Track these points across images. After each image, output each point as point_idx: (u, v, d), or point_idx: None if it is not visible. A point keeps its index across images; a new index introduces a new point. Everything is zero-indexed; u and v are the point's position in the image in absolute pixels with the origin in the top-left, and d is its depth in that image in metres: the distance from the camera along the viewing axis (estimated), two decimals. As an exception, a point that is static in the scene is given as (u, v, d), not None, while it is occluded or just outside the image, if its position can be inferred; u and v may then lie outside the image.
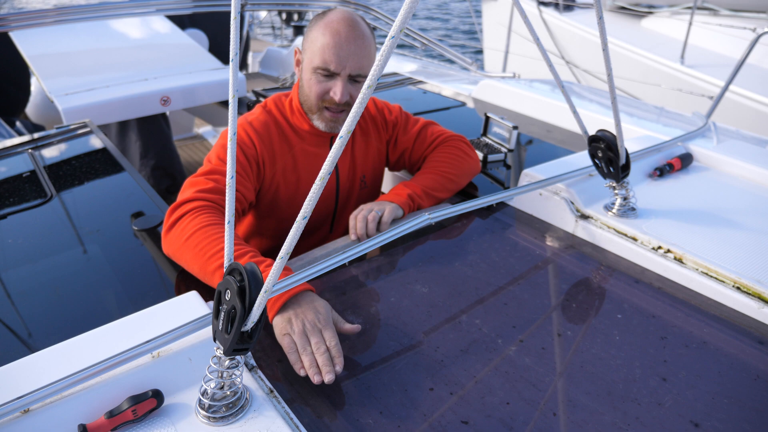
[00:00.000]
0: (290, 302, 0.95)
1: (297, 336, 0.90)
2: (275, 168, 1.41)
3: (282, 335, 0.92)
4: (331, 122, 1.38)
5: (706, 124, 1.91)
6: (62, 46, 3.06)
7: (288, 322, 0.92)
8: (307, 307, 0.95)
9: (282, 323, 0.93)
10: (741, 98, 4.10)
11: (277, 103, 1.46)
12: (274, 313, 0.95)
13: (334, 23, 1.29)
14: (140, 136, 3.00)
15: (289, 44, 4.99)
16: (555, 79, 1.26)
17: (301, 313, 0.93)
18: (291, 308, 0.94)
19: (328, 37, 1.28)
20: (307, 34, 1.36)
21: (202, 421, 0.75)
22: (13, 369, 0.78)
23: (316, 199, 0.65)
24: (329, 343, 0.90)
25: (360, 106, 0.61)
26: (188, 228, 1.11)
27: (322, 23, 1.31)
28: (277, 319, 0.94)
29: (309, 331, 0.91)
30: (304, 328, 0.91)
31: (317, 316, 0.93)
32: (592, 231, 1.31)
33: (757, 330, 1.02)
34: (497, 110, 2.39)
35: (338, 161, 1.48)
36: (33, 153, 1.86)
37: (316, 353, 0.88)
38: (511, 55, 5.21)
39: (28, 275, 1.21)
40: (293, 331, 0.91)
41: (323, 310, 0.95)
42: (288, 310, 0.94)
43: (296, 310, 0.94)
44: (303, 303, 0.95)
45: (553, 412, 0.84)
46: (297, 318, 0.93)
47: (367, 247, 1.11)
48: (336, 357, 0.88)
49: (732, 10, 5.28)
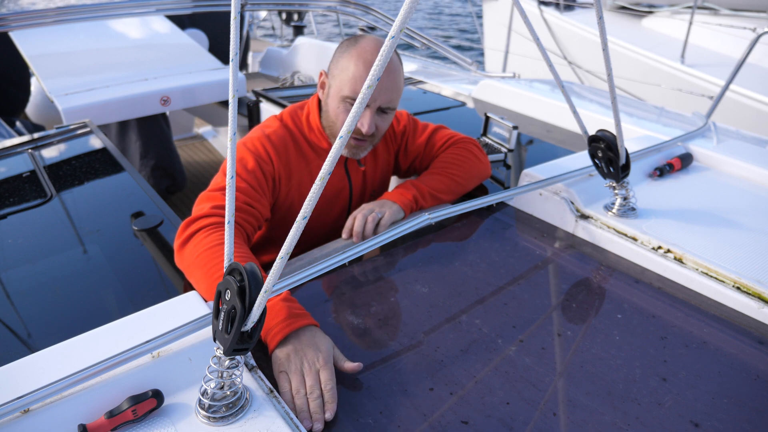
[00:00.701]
0: (291, 336, 0.91)
1: (293, 375, 0.86)
2: (291, 184, 1.38)
3: (279, 372, 0.88)
4: (354, 148, 1.37)
5: (706, 124, 1.91)
6: (62, 46, 3.06)
7: (286, 359, 0.88)
8: (308, 344, 0.90)
9: (280, 359, 0.89)
10: (742, 98, 4.10)
11: (294, 119, 1.42)
12: (273, 346, 0.90)
13: (367, 54, 1.26)
14: (140, 136, 3.00)
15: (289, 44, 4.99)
16: (555, 79, 1.26)
17: (300, 350, 0.89)
18: (291, 343, 0.90)
19: (361, 68, 1.25)
20: (336, 60, 1.32)
21: (202, 421, 0.75)
22: (13, 369, 0.78)
23: (316, 199, 0.65)
24: (324, 387, 0.85)
25: (360, 106, 0.61)
26: (201, 245, 1.08)
27: (354, 52, 1.27)
28: (276, 354, 0.90)
29: (306, 371, 0.86)
30: (302, 367, 0.87)
31: (317, 354, 0.89)
32: (592, 231, 1.31)
33: (757, 330, 1.02)
34: (497, 110, 2.39)
35: (353, 180, 1.48)
36: (33, 153, 1.86)
37: (309, 397, 0.83)
38: (513, 55, 5.22)
39: (28, 275, 1.21)
40: (290, 369, 0.87)
41: (324, 348, 0.90)
42: (288, 344, 0.90)
43: (296, 346, 0.89)
44: (304, 339, 0.91)
45: (553, 412, 0.84)
46: (296, 355, 0.88)
47: (367, 247, 1.11)
48: (328, 402, 0.83)
49: (732, 10, 5.28)
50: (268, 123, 1.41)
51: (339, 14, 3.66)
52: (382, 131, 1.36)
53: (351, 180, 1.48)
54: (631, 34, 5.36)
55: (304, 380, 0.85)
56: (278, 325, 0.91)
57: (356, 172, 1.49)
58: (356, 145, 1.36)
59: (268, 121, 1.42)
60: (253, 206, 1.25)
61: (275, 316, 0.92)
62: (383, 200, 1.36)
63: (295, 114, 1.43)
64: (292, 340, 0.90)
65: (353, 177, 1.49)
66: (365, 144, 1.37)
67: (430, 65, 3.56)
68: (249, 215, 1.23)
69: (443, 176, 1.46)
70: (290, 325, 0.91)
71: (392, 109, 1.34)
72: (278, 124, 1.40)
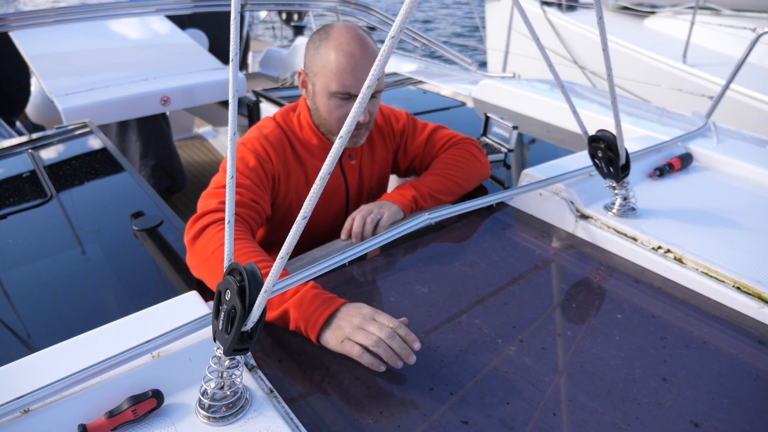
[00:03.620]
0: (331, 317, 0.94)
1: (356, 334, 0.89)
2: (289, 184, 1.38)
3: (340, 344, 0.91)
4: (354, 137, 1.38)
5: (706, 124, 1.91)
6: (62, 46, 3.06)
7: (338, 330, 0.92)
8: (349, 312, 0.94)
9: (333, 335, 0.92)
10: (743, 97, 4.10)
11: (286, 119, 1.42)
12: (317, 331, 0.93)
13: (344, 44, 1.24)
14: (140, 136, 3.00)
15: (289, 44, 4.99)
16: (555, 79, 1.26)
17: (345, 318, 0.93)
18: (333, 321, 0.93)
19: (343, 60, 1.24)
20: (313, 56, 1.30)
21: (202, 421, 0.75)
22: (13, 369, 0.78)
23: (316, 199, 0.65)
24: (391, 325, 0.89)
25: (360, 106, 0.61)
26: (213, 242, 1.08)
27: (330, 45, 1.25)
28: (325, 336, 0.93)
29: (365, 324, 0.90)
30: (360, 324, 0.90)
31: (362, 310, 0.93)
32: (592, 231, 1.31)
33: (757, 330, 1.02)
34: (497, 110, 2.39)
35: (348, 178, 1.48)
36: (33, 153, 1.86)
37: (387, 341, 0.87)
38: (515, 56, 5.21)
39: (28, 275, 1.21)
40: (349, 334, 0.90)
41: (364, 306, 0.94)
42: (331, 324, 0.93)
43: (340, 319, 0.93)
44: (343, 312, 0.94)
45: (553, 412, 0.84)
46: (347, 322, 0.92)
47: (367, 247, 1.11)
48: (407, 336, 0.88)
49: (734, 10, 5.28)
50: (264, 123, 1.41)
51: (339, 14, 3.66)
52: (374, 114, 1.37)
53: (346, 177, 1.48)
54: (633, 34, 5.36)
55: (370, 333, 0.89)
56: (316, 312, 0.94)
57: (351, 168, 1.49)
58: (356, 134, 1.37)
59: (264, 121, 1.42)
60: (258, 202, 1.25)
61: (310, 305, 0.95)
62: (382, 201, 1.36)
63: (287, 115, 1.43)
64: (333, 320, 0.93)
65: (348, 174, 1.48)
66: (362, 131, 1.37)
67: (430, 65, 3.56)
68: (254, 211, 1.24)
69: (443, 177, 1.46)
70: (327, 308, 0.94)
71: (380, 92, 1.35)
72: (273, 124, 1.40)
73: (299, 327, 0.96)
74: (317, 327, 0.93)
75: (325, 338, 0.93)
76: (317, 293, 0.97)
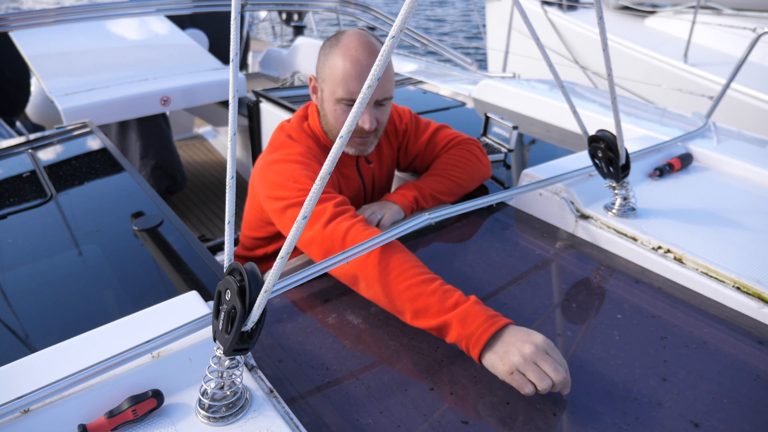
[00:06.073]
0: (494, 338, 0.89)
1: (527, 368, 0.84)
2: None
3: (508, 374, 0.85)
4: (361, 146, 1.37)
5: (706, 124, 1.91)
6: (62, 46, 3.06)
7: (506, 355, 0.86)
8: (515, 336, 0.88)
9: (500, 359, 0.86)
10: (743, 97, 4.10)
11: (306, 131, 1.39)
12: (480, 350, 0.88)
13: (352, 51, 1.24)
14: (140, 136, 3.00)
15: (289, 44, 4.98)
16: (555, 79, 1.26)
17: (514, 342, 0.87)
18: (498, 344, 0.88)
19: (349, 67, 1.23)
20: (323, 62, 1.30)
21: (202, 421, 0.75)
22: (13, 369, 0.78)
23: (316, 198, 0.66)
24: (563, 368, 0.85)
25: (360, 106, 0.61)
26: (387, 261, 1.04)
27: (339, 51, 1.25)
28: (489, 358, 0.88)
29: (539, 358, 0.84)
30: (533, 356, 0.84)
31: (533, 339, 0.86)
32: (592, 231, 1.31)
33: (757, 330, 1.02)
34: (497, 110, 2.39)
35: (365, 180, 1.48)
36: (33, 153, 1.86)
37: (558, 386, 0.84)
38: (516, 56, 5.21)
39: (28, 275, 1.21)
40: (520, 365, 0.84)
41: (536, 335, 0.87)
42: (496, 345, 0.88)
43: (506, 343, 0.87)
44: (507, 335, 0.89)
45: (553, 412, 0.84)
46: (514, 347, 0.86)
47: (368, 247, 1.11)
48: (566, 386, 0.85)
49: (735, 10, 5.28)
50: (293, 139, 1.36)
51: (339, 14, 3.66)
52: (383, 123, 1.36)
53: (364, 180, 1.49)
54: (634, 34, 5.36)
55: (544, 375, 0.83)
56: (480, 328, 0.89)
57: (367, 170, 1.49)
58: (362, 142, 1.36)
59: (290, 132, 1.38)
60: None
61: (474, 320, 0.91)
62: (384, 201, 1.36)
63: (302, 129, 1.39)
64: (498, 343, 0.88)
65: (365, 176, 1.49)
66: (370, 139, 1.37)
67: (431, 65, 3.56)
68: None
69: (444, 178, 1.46)
70: (492, 325, 0.89)
71: (388, 99, 1.34)
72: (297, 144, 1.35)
73: (460, 344, 0.92)
74: (479, 346, 0.88)
75: (490, 361, 0.87)
76: (482, 309, 0.93)
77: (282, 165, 1.26)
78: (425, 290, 0.97)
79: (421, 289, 0.97)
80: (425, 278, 0.99)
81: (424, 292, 0.96)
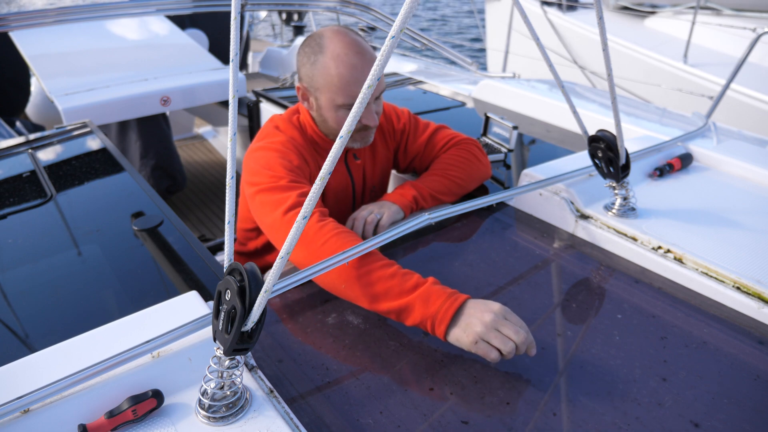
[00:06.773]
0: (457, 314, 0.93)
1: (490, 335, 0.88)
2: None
3: (473, 343, 0.89)
4: (364, 138, 1.38)
5: (706, 124, 1.91)
6: (62, 46, 3.06)
7: (469, 327, 0.90)
8: (478, 308, 0.92)
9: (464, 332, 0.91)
10: (743, 97, 4.10)
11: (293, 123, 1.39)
12: (444, 328, 0.92)
13: (342, 56, 1.22)
14: (140, 136, 3.00)
15: (289, 44, 4.99)
16: (555, 79, 1.26)
17: (475, 314, 0.91)
18: (462, 318, 0.92)
19: (345, 73, 1.22)
20: (311, 70, 1.27)
21: (202, 421, 0.75)
22: (13, 369, 0.78)
23: (316, 198, 0.66)
24: (524, 329, 0.89)
25: (360, 106, 0.61)
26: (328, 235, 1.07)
27: (328, 58, 1.23)
28: (454, 333, 0.92)
29: (499, 324, 0.89)
30: (493, 322, 0.89)
31: (491, 307, 0.91)
32: (592, 231, 1.31)
33: (757, 330, 1.02)
34: (497, 110, 2.39)
35: (354, 177, 1.48)
36: (33, 153, 1.86)
37: (521, 346, 0.88)
38: (516, 56, 5.21)
39: (28, 275, 1.21)
40: (483, 333, 0.89)
41: (494, 304, 0.92)
42: (459, 319, 0.92)
43: (468, 317, 0.91)
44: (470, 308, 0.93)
45: (553, 412, 0.84)
46: (475, 318, 0.90)
47: (367, 247, 1.11)
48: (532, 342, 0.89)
49: (735, 10, 5.28)
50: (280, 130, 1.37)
51: (339, 14, 3.66)
52: (380, 113, 1.38)
53: (353, 176, 1.49)
54: (634, 34, 5.36)
55: (506, 339, 0.88)
56: (442, 306, 0.93)
57: (356, 166, 1.49)
58: (365, 135, 1.37)
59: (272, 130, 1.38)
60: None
61: (437, 299, 0.94)
62: (383, 201, 1.36)
63: (290, 121, 1.40)
64: (461, 317, 0.92)
65: (354, 173, 1.49)
66: (371, 130, 1.38)
67: (430, 65, 3.56)
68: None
69: (444, 178, 1.46)
70: (454, 302, 0.93)
71: (381, 92, 1.36)
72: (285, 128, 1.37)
73: (424, 324, 0.95)
74: (444, 323, 0.92)
75: (455, 336, 0.91)
76: (441, 288, 0.96)
77: (261, 152, 1.29)
78: (384, 274, 1.00)
79: (380, 273, 1.00)
80: (383, 263, 1.02)
81: (383, 276, 0.99)
